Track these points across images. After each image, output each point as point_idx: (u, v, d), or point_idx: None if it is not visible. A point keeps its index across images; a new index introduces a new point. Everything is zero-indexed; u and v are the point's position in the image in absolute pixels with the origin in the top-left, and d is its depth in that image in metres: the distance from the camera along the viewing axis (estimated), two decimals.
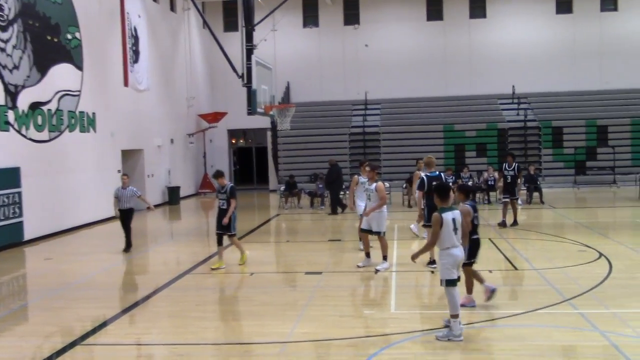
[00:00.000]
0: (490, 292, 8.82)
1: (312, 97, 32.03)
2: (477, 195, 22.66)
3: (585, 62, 31.10)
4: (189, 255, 13.93)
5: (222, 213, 12.15)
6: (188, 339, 8.01)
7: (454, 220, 7.59)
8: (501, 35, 31.75)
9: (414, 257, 7.99)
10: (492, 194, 22.60)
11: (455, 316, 7.42)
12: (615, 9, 31.42)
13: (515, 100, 30.78)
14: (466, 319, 8.09)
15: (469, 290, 8.80)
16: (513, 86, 30.81)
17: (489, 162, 27.49)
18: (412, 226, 14.67)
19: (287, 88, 31.90)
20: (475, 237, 8.63)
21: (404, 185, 22.62)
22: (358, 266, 11.79)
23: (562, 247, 13.38)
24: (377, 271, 11.33)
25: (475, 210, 8.57)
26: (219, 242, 12.30)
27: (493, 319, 8.28)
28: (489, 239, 14.54)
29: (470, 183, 22.73)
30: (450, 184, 21.50)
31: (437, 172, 11.71)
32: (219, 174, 12.47)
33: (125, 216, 14.28)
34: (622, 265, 11.21)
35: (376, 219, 11.61)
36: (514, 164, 16.50)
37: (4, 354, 7.74)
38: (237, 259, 12.51)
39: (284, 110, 25.00)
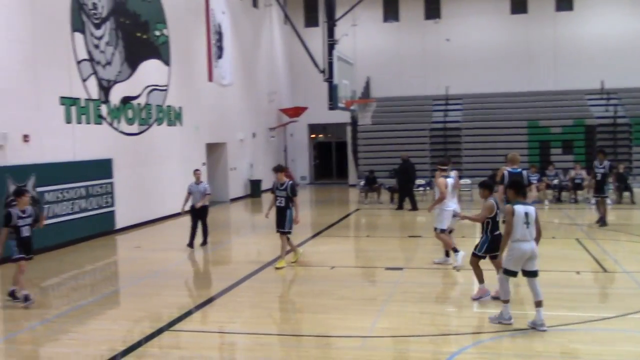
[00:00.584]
0: (482, 295, 9.04)
1: (393, 92, 31.82)
2: (564, 194, 21.94)
3: None
4: (269, 248, 14.16)
5: (280, 211, 11.67)
6: (270, 330, 8.19)
7: (526, 214, 7.69)
8: (589, 28, 30.46)
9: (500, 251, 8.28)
10: (579, 192, 21.79)
11: (506, 301, 7.86)
12: None
13: (604, 96, 29.50)
14: (553, 320, 7.88)
15: (480, 280, 9.10)
16: (602, 81, 29.54)
17: (576, 160, 26.50)
18: None
19: (367, 83, 31.84)
20: (497, 233, 8.86)
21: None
22: (434, 262, 11.73)
23: None
24: (455, 268, 11.19)
25: (497, 207, 8.86)
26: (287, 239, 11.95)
27: (581, 322, 8.02)
28: (577, 239, 14.07)
29: (556, 182, 22.05)
30: (535, 181, 20.97)
31: (520, 170, 11.49)
32: (279, 169, 11.93)
33: (199, 212, 13.92)
34: None
35: (436, 215, 11.50)
36: (604, 161, 15.86)
37: (98, 336, 8.15)
38: (314, 254, 12.62)
39: (364, 105, 25.02)
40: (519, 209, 7.69)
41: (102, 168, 16.07)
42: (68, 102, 15.03)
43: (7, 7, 13.06)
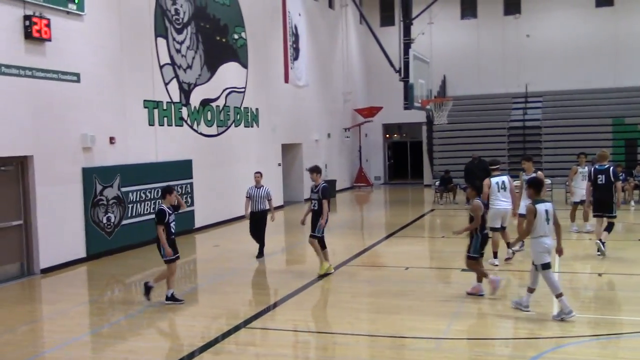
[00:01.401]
0: (497, 283, 9.34)
1: (469, 91, 31.26)
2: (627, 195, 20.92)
3: None
4: (344, 247, 14.23)
5: (314, 215, 11.14)
6: (344, 329, 8.23)
7: (546, 211, 8.20)
8: None
9: (511, 245, 9.94)
10: None
11: (559, 295, 8.03)
12: None
13: None
14: (638, 326, 7.56)
15: (480, 279, 9.43)
16: None
17: None
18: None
19: (444, 82, 31.42)
20: (485, 232, 9.50)
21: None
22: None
23: None
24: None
25: (486, 206, 9.36)
26: (322, 245, 11.30)
27: None
28: None
29: None
30: (621, 181, 20.08)
31: (607, 166, 11.97)
32: (314, 170, 11.31)
33: (259, 218, 13.11)
34: None
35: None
36: None
37: (178, 331, 8.44)
38: (389, 254, 12.55)
39: (440, 104, 24.71)
40: (540, 207, 8.18)
41: (182, 169, 16.59)
42: (151, 105, 15.60)
43: (95, 16, 13.69)
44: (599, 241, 11.99)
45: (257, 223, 13.13)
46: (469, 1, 31.97)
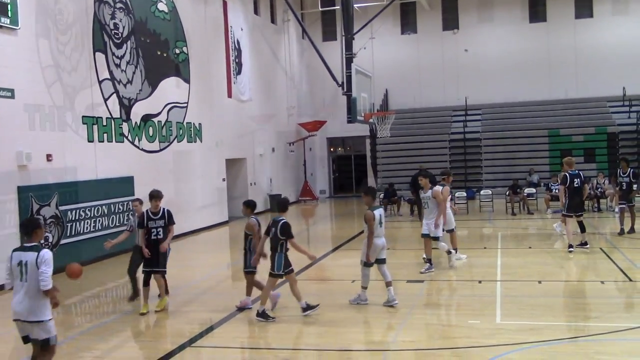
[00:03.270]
0: (276, 298, 9.76)
1: (411, 104, 31.79)
2: (587, 202, 21.64)
3: None
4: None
5: (155, 245, 9.89)
6: (291, 344, 8.17)
7: (380, 216, 9.77)
8: (609, 35, 30.17)
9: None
10: (602, 201, 21.53)
11: (389, 284, 9.64)
12: None
13: (627, 103, 29.18)
14: (579, 331, 7.77)
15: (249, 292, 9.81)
16: (624, 88, 29.23)
17: (599, 168, 26.20)
18: (555, 225, 16.28)
19: (386, 95, 31.86)
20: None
21: (507, 193, 22.00)
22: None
23: None
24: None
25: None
26: (146, 282, 10.00)
27: (608, 332, 7.89)
28: (600, 248, 13.88)
29: None
30: (556, 191, 20.79)
31: (577, 171, 13.48)
32: (154, 196, 10.11)
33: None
34: None
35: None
36: (628, 169, 15.70)
37: (120, 353, 8.19)
38: (334, 268, 12.56)
39: (383, 118, 25.02)
40: (376, 212, 9.62)
41: (123, 185, 16.23)
42: (90, 121, 15.23)
43: (30, 30, 13.31)
44: (582, 246, 13.34)
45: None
46: (408, 17, 32.59)
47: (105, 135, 15.81)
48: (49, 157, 13.73)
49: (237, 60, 23.41)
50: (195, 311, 10.08)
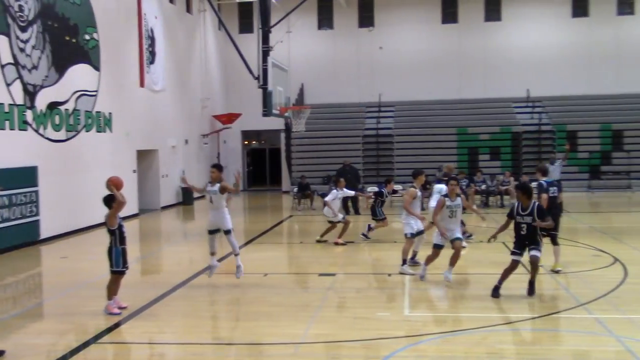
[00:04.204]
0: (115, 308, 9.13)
1: (326, 99, 32.07)
2: (491, 199, 22.59)
3: (601, 66, 30.89)
4: (202, 255, 13.96)
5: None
6: (202, 339, 8.07)
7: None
8: (516, 39, 31.61)
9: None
10: (505, 197, 22.51)
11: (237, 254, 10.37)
12: (632, 13, 31.21)
13: (530, 104, 30.64)
14: (481, 322, 8.10)
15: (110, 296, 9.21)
16: (528, 89, 30.68)
17: (503, 166, 27.40)
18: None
19: (302, 90, 31.97)
20: (124, 246, 9.28)
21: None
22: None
23: (577, 251, 13.31)
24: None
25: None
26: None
27: (507, 323, 8.27)
28: (503, 242, 14.49)
29: (483, 187, 22.67)
30: (464, 187, 21.49)
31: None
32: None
33: None
34: (637, 271, 11.15)
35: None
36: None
37: (21, 351, 7.83)
38: (247, 261, 12.49)
39: (298, 112, 25.08)
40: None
41: (25, 176, 15.48)
42: None
43: None
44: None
45: None
46: (325, 12, 32.83)
47: (7, 122, 15.02)
48: None
49: (150, 49, 22.81)
50: (102, 306, 9.75)
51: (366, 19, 32.62)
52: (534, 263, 9.44)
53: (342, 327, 8.25)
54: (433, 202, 13.56)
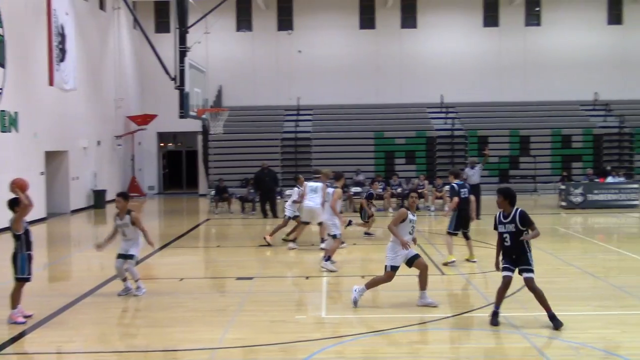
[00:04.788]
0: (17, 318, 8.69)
1: (245, 102, 31.87)
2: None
3: (510, 74, 32.27)
4: (112, 261, 13.53)
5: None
6: (114, 347, 7.81)
7: None
8: (431, 46, 32.53)
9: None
10: (420, 200, 23.03)
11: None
12: (539, 24, 32.77)
13: (444, 110, 31.57)
14: (398, 322, 8.24)
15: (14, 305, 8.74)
16: (441, 95, 31.60)
17: (418, 170, 28.09)
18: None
19: (220, 92, 31.63)
20: (29, 252, 8.89)
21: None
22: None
23: (487, 252, 13.76)
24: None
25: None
26: None
27: (423, 323, 8.45)
28: (418, 245, 14.82)
29: (399, 190, 23.13)
30: (380, 190, 21.87)
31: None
32: None
33: None
34: (542, 270, 11.60)
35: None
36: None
37: None
38: (162, 266, 12.26)
39: (216, 114, 24.79)
40: None
41: None
42: None
43: None
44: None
45: None
46: (244, 14, 32.65)
47: None
48: None
49: (61, 47, 21.89)
50: (4, 316, 9.26)
51: (285, 22, 32.67)
52: (529, 287, 8.17)
53: (259, 330, 8.19)
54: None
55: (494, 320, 8.20)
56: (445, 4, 32.15)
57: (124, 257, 10.21)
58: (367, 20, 32.79)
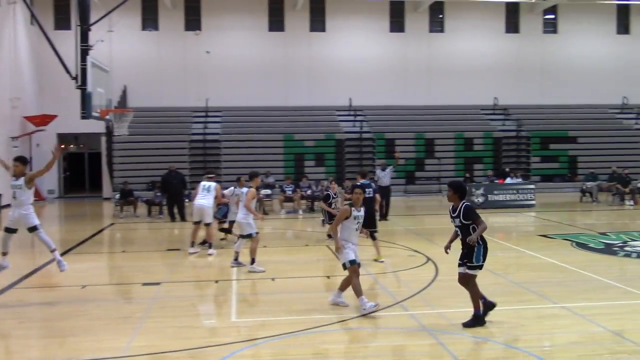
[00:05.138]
0: None
1: (151, 103, 31.10)
2: (316, 204, 23.23)
3: (416, 79, 33.25)
4: (10, 269, 12.83)
5: None
6: (9, 359, 7.39)
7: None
8: (339, 50, 32.97)
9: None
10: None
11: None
12: (442, 31, 33.94)
13: (352, 113, 32.06)
14: (307, 323, 8.26)
15: None
16: (350, 99, 32.08)
17: (327, 172, 28.38)
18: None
19: (124, 92, 30.69)
20: None
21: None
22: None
23: (394, 252, 14.09)
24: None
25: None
26: None
27: (331, 323, 8.51)
28: (327, 246, 14.97)
29: (309, 192, 23.27)
30: (290, 192, 21.98)
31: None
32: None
33: None
34: (446, 269, 12.03)
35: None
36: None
37: None
38: (63, 274, 11.70)
39: (120, 115, 24.07)
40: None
41: None
42: None
43: None
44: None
45: None
46: (150, 13, 31.88)
47: None
48: None
49: None
50: None
51: (193, 22, 32.16)
52: (459, 281, 8.26)
53: (167, 337, 7.98)
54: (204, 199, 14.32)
55: (479, 321, 8.11)
56: (354, 9, 32.68)
57: (11, 231, 9.92)
58: (276, 22, 32.82)
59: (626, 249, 14.06)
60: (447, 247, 8.50)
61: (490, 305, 8.32)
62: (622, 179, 24.88)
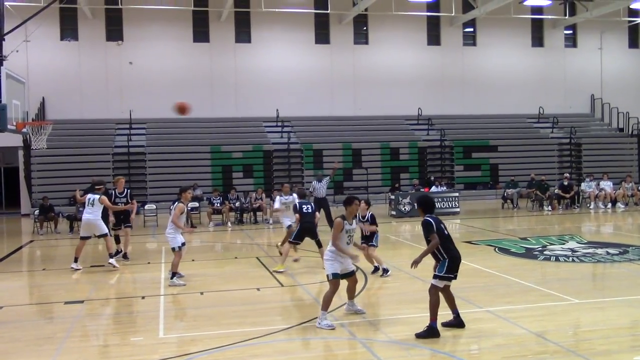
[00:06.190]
0: None
1: (72, 115, 30.13)
2: (245, 215, 23.07)
3: (342, 90, 33.64)
4: None
5: None
6: None
7: None
8: (265, 61, 32.96)
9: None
10: (258, 214, 23.18)
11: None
12: (367, 43, 34.50)
13: (279, 124, 32.07)
14: (237, 337, 8.15)
15: None
16: (277, 110, 32.09)
17: (256, 183, 28.24)
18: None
19: (43, 104, 29.62)
20: None
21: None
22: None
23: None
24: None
25: None
26: None
27: (263, 335, 8.44)
28: (257, 257, 14.86)
29: (237, 204, 23.07)
30: (218, 205, 21.75)
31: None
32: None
33: None
34: (373, 278, 12.19)
35: None
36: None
37: None
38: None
39: (39, 128, 23.14)
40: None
41: None
42: None
43: None
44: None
45: None
46: (69, 22, 30.95)
47: None
48: None
49: None
50: None
51: (115, 32, 31.43)
52: (429, 291, 8.45)
53: (91, 356, 7.70)
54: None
55: (430, 333, 8.08)
56: (279, 21, 32.75)
57: None
58: (201, 33, 32.50)
59: (545, 252, 14.63)
60: (416, 261, 8.62)
61: (459, 325, 8.48)
62: (540, 185, 25.92)
